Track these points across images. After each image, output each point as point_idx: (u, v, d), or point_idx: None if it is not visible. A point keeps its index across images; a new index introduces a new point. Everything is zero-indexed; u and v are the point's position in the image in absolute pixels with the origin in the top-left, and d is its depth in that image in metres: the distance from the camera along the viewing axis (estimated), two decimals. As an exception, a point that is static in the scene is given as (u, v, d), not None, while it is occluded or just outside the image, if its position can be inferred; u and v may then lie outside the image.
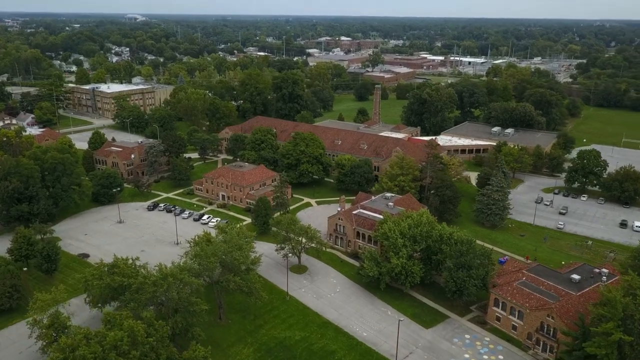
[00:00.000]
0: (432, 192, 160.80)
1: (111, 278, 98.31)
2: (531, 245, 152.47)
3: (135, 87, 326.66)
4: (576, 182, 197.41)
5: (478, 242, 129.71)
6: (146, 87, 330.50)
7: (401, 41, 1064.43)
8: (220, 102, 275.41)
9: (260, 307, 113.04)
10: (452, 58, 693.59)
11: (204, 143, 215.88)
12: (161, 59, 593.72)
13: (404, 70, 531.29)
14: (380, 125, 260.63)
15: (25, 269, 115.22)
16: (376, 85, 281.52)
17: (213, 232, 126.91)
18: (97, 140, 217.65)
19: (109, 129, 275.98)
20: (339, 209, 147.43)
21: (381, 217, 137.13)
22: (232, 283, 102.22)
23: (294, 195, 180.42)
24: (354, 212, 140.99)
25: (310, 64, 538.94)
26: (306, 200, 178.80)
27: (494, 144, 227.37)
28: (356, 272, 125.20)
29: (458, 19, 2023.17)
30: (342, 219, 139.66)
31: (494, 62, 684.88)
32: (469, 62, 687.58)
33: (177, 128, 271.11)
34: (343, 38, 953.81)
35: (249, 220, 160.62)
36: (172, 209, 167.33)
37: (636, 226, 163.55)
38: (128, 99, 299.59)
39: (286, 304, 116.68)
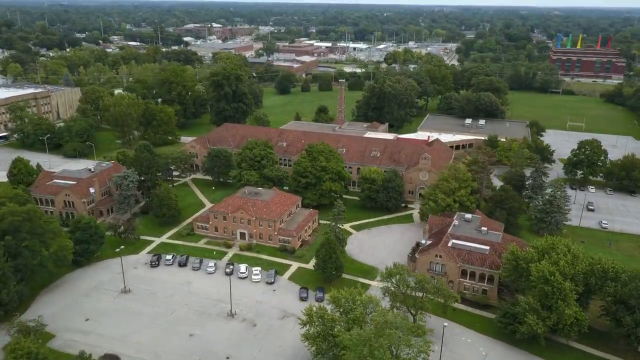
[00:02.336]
0: (491, 204, 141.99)
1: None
2: (599, 252, 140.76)
3: (24, 92, 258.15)
4: (579, 173, 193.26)
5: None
6: (39, 90, 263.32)
7: (269, 27, 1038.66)
8: (155, 107, 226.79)
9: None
10: (339, 44, 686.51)
11: (173, 162, 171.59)
12: (12, 52, 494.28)
13: (308, 58, 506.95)
14: (347, 124, 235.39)
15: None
16: (340, 80, 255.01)
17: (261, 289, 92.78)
18: (22, 171, 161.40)
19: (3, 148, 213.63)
20: (424, 242, 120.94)
21: (485, 247, 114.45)
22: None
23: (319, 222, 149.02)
24: (449, 245, 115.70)
25: (201, 54, 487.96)
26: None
27: (482, 138, 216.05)
28: (498, 325, 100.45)
29: (312, 4, 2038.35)
30: (441, 256, 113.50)
31: (378, 47, 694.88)
32: (354, 48, 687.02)
33: (98, 141, 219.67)
34: (215, 25, 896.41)
35: (296, 264, 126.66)
36: (186, 260, 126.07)
37: None
38: (26, 108, 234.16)
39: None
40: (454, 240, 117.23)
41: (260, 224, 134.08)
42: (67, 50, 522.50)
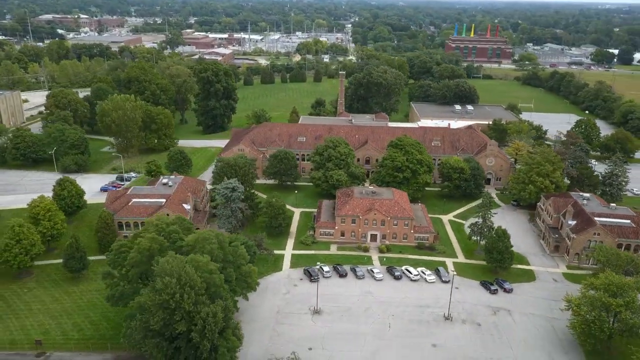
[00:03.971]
0: (576, 182, 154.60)
1: None
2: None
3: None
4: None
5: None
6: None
7: (134, 18, 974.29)
8: (154, 109, 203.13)
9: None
10: (235, 35, 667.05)
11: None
12: None
13: (227, 51, 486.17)
14: (352, 116, 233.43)
15: None
16: (340, 72, 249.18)
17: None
18: (72, 193, 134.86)
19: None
20: (570, 222, 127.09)
21: (627, 221, 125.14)
22: None
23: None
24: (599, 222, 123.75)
25: (114, 49, 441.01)
26: (439, 217, 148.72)
27: (485, 122, 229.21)
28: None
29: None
30: (599, 233, 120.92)
31: (272, 38, 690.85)
32: (249, 39, 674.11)
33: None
34: (82, 16, 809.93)
35: (448, 260, 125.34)
36: (342, 269, 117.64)
37: None
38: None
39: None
40: (597, 218, 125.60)
41: (395, 223, 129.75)
42: None
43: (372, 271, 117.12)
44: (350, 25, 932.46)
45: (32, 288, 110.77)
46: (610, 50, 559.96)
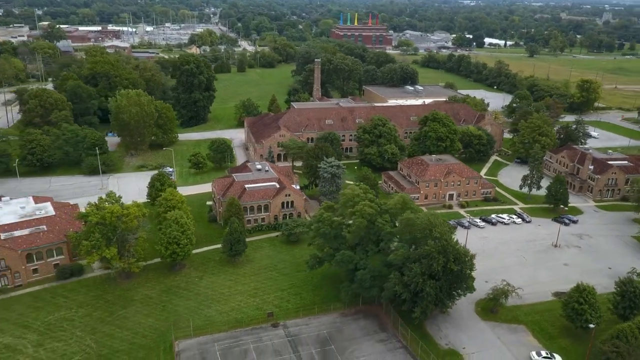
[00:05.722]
0: (560, 138, 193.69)
1: None
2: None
3: None
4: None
5: None
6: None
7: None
8: (159, 103, 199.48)
9: None
10: (110, 28, 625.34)
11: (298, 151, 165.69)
12: None
13: (126, 44, 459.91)
14: (330, 99, 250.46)
15: None
16: (315, 60, 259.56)
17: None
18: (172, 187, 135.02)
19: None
20: (591, 167, 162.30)
21: (626, 162, 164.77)
22: None
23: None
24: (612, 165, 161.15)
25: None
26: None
27: (442, 99, 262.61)
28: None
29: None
30: (615, 172, 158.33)
31: (146, 30, 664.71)
32: (124, 31, 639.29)
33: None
34: None
35: (513, 207, 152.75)
36: (452, 222, 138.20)
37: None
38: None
39: None
40: (608, 162, 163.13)
41: (468, 183, 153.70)
42: None
43: (475, 221, 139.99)
44: (213, 16, 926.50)
45: (201, 276, 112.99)
46: (467, 35, 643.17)
